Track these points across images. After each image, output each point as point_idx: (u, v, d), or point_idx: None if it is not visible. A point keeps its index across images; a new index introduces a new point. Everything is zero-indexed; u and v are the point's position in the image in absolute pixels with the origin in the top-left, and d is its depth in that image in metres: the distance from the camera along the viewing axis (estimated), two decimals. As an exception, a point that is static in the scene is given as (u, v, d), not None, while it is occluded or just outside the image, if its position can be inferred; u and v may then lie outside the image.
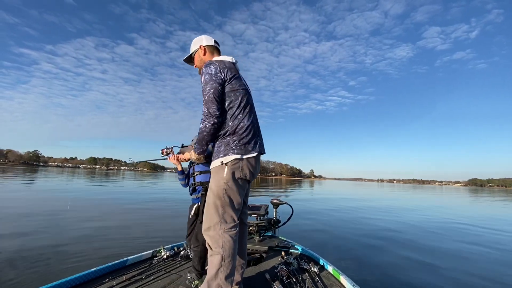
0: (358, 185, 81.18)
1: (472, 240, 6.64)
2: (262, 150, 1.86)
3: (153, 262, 2.61)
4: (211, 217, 1.70)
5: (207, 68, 1.73)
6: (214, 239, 1.66)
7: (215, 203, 1.69)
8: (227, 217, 1.69)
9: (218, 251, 1.63)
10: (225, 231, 1.66)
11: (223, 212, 1.68)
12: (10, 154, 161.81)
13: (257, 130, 1.87)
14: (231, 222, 1.69)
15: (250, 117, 1.80)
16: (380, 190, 43.42)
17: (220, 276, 1.62)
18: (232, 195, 1.70)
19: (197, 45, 1.97)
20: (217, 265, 1.62)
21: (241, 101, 1.77)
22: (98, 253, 4.13)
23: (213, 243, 1.66)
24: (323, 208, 12.19)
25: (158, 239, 4.97)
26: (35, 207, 7.98)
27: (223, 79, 1.73)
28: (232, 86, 1.75)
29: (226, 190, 1.68)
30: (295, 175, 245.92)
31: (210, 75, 1.71)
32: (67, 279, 1.96)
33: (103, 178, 30.26)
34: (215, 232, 1.66)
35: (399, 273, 4.06)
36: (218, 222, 1.67)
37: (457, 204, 18.97)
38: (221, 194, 1.68)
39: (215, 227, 1.67)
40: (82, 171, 68.42)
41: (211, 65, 1.75)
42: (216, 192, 1.69)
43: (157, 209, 9.10)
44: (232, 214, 1.70)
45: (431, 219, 10.01)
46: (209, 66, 1.75)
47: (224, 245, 1.63)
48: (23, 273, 3.26)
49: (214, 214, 1.68)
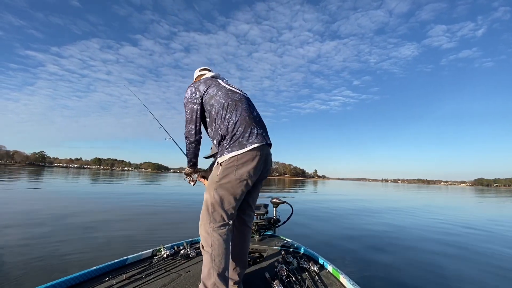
0: (362, 185, 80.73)
1: (476, 240, 6.57)
2: (263, 140, 1.74)
3: (153, 261, 2.62)
4: (202, 216, 1.73)
5: (185, 93, 1.92)
6: (204, 238, 1.68)
7: (206, 202, 1.72)
8: (217, 216, 1.68)
9: (207, 250, 1.65)
10: (214, 230, 1.66)
11: (213, 210, 1.68)
12: (17, 155, 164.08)
13: (252, 121, 1.78)
14: (220, 221, 1.68)
15: (237, 111, 1.78)
16: (384, 190, 43.13)
17: (213, 275, 1.62)
18: (223, 194, 1.68)
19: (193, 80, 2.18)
20: (207, 264, 1.64)
21: (224, 102, 1.80)
22: (97, 252, 4.15)
23: (204, 242, 1.68)
24: (324, 207, 12.16)
25: (158, 238, 5.00)
26: (39, 206, 8.07)
27: (200, 95, 1.86)
28: (210, 95, 1.85)
29: (216, 189, 1.69)
30: (299, 175, 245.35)
31: (186, 99, 1.89)
32: (67, 278, 1.98)
33: (107, 178, 30.51)
34: (205, 231, 1.68)
35: (399, 272, 4.05)
36: (207, 221, 1.68)
37: (458, 204, 18.78)
38: (212, 193, 1.69)
39: (205, 225, 1.69)
40: (86, 171, 69.07)
41: (187, 89, 1.92)
42: (208, 191, 1.73)
43: (157, 209, 9.15)
44: (222, 214, 1.68)
45: (433, 219, 9.92)
46: (186, 91, 1.92)
47: (213, 244, 1.64)
48: (24, 270, 3.29)
49: (205, 212, 1.71)
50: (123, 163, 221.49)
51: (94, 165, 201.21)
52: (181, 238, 3.28)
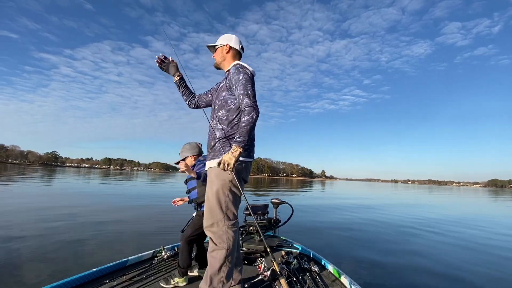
0: (370, 185, 79.61)
1: (480, 242, 6.39)
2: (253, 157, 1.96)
3: (154, 262, 2.66)
4: (214, 214, 1.77)
5: (245, 69, 1.82)
6: (218, 235, 1.74)
7: (219, 200, 1.76)
8: (230, 213, 1.78)
9: (222, 246, 1.71)
10: (229, 227, 1.75)
11: (226, 209, 1.77)
12: (30, 155, 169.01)
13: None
14: (233, 219, 1.80)
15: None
16: (392, 191, 42.41)
17: (223, 271, 1.70)
18: (235, 193, 1.80)
19: (224, 42, 2.00)
20: (221, 260, 1.70)
21: None
22: (98, 253, 4.17)
23: (217, 239, 1.73)
24: (325, 207, 12.09)
25: (158, 239, 5.02)
26: (48, 205, 8.29)
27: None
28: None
29: (230, 187, 1.77)
30: (306, 176, 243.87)
31: (249, 76, 1.80)
32: (68, 280, 2.01)
33: (117, 178, 31.06)
34: (219, 228, 1.74)
35: (400, 273, 4.01)
36: (222, 219, 1.75)
37: (463, 204, 18.30)
38: (226, 191, 1.76)
39: (219, 223, 1.75)
40: (97, 171, 70.45)
41: (247, 70, 1.83)
42: (221, 189, 1.76)
43: (158, 209, 9.21)
44: (234, 211, 1.81)
45: (435, 220, 9.72)
46: (247, 69, 1.83)
47: (228, 240, 1.72)
48: (25, 272, 3.31)
49: (218, 210, 1.76)
50: (132, 163, 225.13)
51: (104, 165, 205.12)
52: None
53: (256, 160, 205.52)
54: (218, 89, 1.97)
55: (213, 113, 1.94)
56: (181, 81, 2.17)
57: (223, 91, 1.89)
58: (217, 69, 2.07)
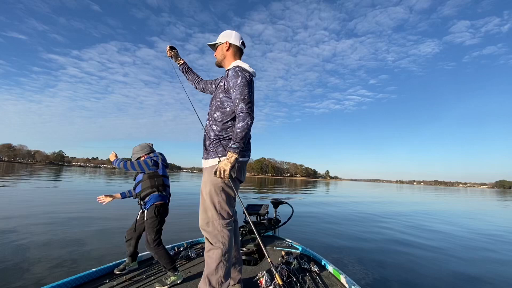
0: (375, 186, 78.97)
1: (480, 243, 6.30)
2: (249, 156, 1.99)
3: (154, 262, 2.67)
4: (207, 213, 1.78)
5: (244, 72, 1.80)
6: (213, 234, 1.75)
7: (212, 199, 1.77)
8: (224, 213, 1.79)
9: (218, 246, 1.73)
10: (224, 226, 1.76)
11: (220, 208, 1.78)
12: (38, 154, 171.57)
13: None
14: (228, 218, 1.81)
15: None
16: (397, 191, 42.01)
17: (221, 270, 1.71)
18: (229, 192, 1.81)
19: (224, 39, 1.98)
20: (217, 259, 1.71)
21: None
22: (98, 253, 4.18)
23: (212, 238, 1.75)
24: (325, 207, 12.03)
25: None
26: (52, 203, 8.41)
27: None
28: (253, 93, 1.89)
29: (223, 187, 1.78)
30: (310, 176, 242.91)
31: (247, 81, 1.78)
32: (68, 280, 2.03)
33: (122, 177, 31.33)
34: (214, 228, 1.76)
35: (400, 273, 4.00)
36: (216, 218, 1.76)
37: (463, 203, 18.03)
38: (219, 191, 1.77)
39: (214, 223, 1.76)
40: (102, 170, 71.16)
41: (246, 73, 1.81)
42: (214, 189, 1.77)
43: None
44: (228, 210, 1.82)
45: (435, 220, 9.63)
46: (245, 72, 1.81)
47: (224, 239, 1.73)
48: (25, 272, 3.31)
49: (212, 210, 1.77)
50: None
51: (109, 164, 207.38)
52: (182, 239, 3.32)
53: (260, 160, 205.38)
54: (216, 90, 1.97)
55: (210, 114, 1.95)
56: (185, 64, 2.40)
57: (221, 93, 1.89)
58: (219, 67, 2.07)
